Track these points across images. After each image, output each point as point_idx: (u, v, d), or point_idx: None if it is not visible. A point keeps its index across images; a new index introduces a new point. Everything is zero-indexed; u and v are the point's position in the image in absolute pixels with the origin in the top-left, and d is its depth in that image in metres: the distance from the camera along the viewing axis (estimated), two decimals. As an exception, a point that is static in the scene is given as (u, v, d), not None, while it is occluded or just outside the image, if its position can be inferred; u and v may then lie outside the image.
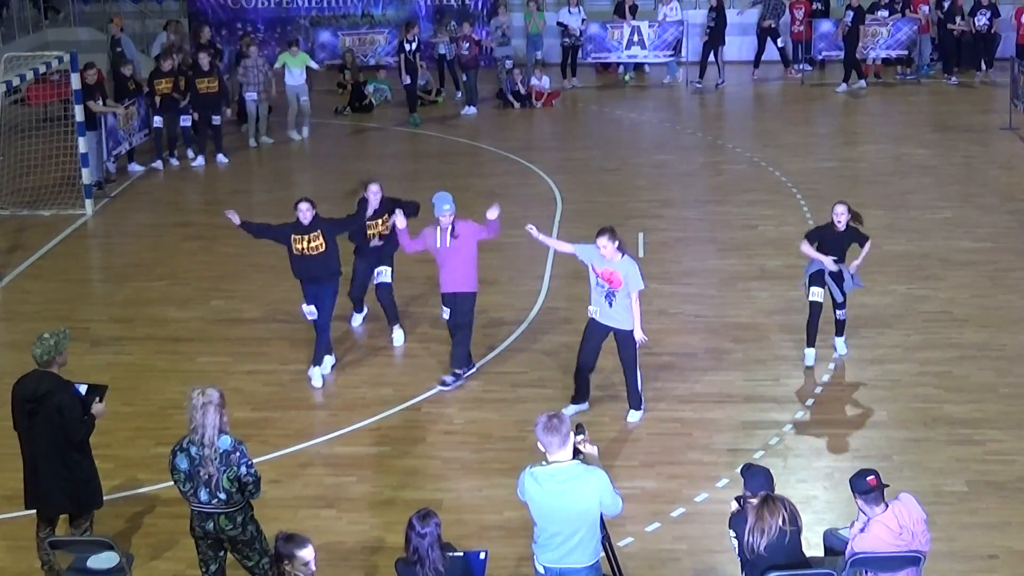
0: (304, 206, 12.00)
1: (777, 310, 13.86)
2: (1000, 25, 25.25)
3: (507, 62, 24.83)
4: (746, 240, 16.12)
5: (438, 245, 11.89)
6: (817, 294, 12.27)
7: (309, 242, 11.97)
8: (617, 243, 10.90)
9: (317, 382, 12.35)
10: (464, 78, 23.96)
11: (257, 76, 21.50)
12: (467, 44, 23.62)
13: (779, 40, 25.94)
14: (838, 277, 12.25)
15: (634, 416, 11.52)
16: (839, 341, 12.71)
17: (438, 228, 11.86)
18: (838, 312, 12.54)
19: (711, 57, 25.33)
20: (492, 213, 11.92)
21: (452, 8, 27.57)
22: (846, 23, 24.75)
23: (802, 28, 25.98)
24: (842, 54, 25.20)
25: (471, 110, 23.83)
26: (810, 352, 12.55)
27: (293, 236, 11.98)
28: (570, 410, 11.34)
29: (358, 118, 23.93)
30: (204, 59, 20.74)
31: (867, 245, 12.35)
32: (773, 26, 25.77)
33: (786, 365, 12.58)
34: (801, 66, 26.26)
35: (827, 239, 12.29)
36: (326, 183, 19.57)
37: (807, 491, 10.21)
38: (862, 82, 24.70)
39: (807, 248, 12.27)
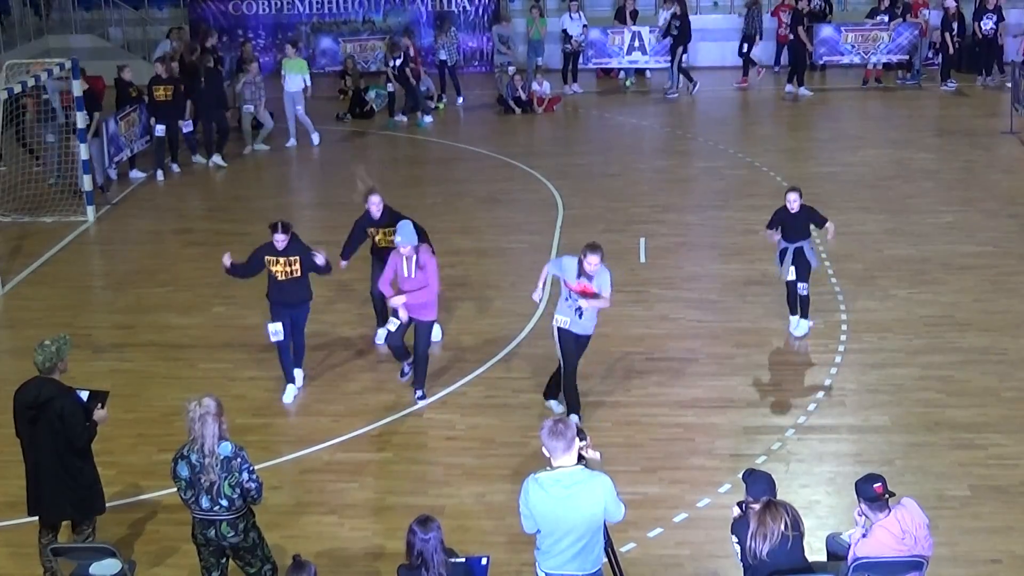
0: (279, 236, 11.77)
1: (779, 315, 13.83)
2: (1005, 30, 25.26)
3: (509, 68, 24.87)
4: (748, 245, 16.11)
5: (405, 274, 11.79)
6: (791, 272, 13.03)
7: (285, 265, 11.83)
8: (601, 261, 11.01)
9: (289, 398, 12.25)
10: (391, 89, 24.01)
11: (254, 92, 21.60)
12: (399, 58, 23.44)
13: (754, 47, 25.84)
14: (801, 252, 13.00)
15: (558, 406, 11.66)
16: (793, 320, 13.32)
17: (403, 257, 11.74)
18: (800, 286, 13.04)
19: (670, 63, 25.35)
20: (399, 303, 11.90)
21: (453, 14, 27.58)
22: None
23: (787, 32, 25.98)
24: (842, 59, 25.36)
25: (392, 120, 23.71)
26: (794, 319, 13.31)
27: (267, 258, 11.86)
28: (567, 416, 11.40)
29: (359, 124, 23.94)
30: (161, 68, 20.67)
31: (830, 226, 13.23)
32: (752, 33, 25.73)
33: (788, 370, 12.58)
34: (776, 68, 26.36)
35: (786, 221, 13.00)
36: (327, 189, 19.59)
37: (810, 496, 10.20)
38: (803, 89, 24.88)
39: (768, 233, 13.25)
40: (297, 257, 11.84)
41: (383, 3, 28.03)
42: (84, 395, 8.99)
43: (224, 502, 7.96)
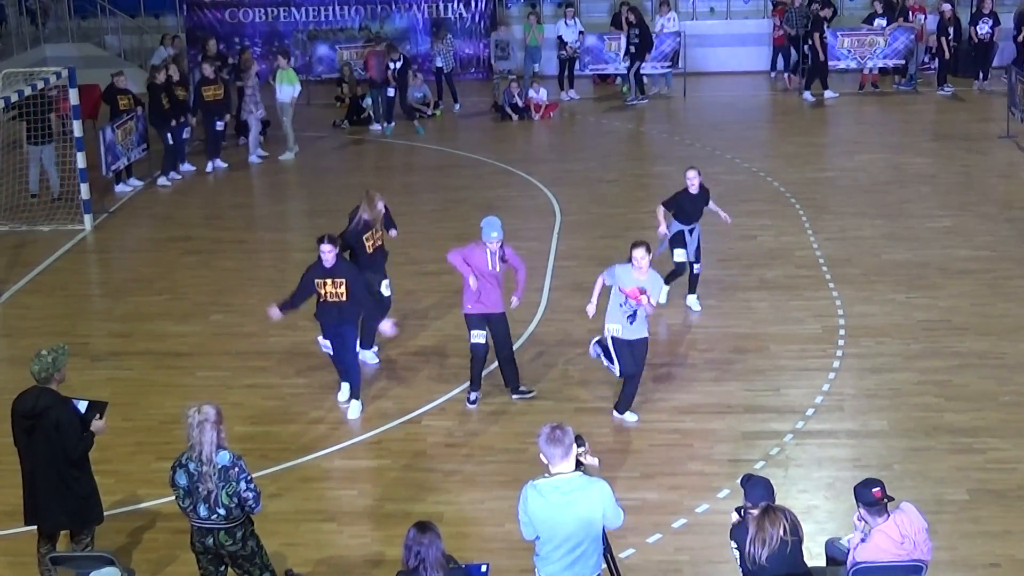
0: (326, 247, 11.51)
1: (776, 320, 13.86)
2: (999, 34, 25.34)
3: (510, 74, 24.93)
4: (745, 251, 16.13)
5: (489, 268, 11.79)
6: (681, 255, 13.82)
7: (333, 287, 11.57)
8: (650, 258, 11.21)
9: (354, 414, 11.99)
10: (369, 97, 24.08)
11: (255, 95, 21.65)
12: (398, 60, 23.43)
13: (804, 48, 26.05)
14: (693, 233, 13.85)
15: (631, 417, 11.70)
16: (692, 299, 14.21)
17: (487, 251, 11.77)
18: (695, 267, 14.06)
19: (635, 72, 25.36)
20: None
21: (449, 21, 27.62)
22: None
23: (781, 33, 26.17)
24: (839, 64, 25.49)
25: (387, 126, 23.65)
26: (692, 297, 14.21)
27: (316, 281, 11.61)
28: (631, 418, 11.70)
29: (356, 131, 23.96)
30: (207, 68, 21.10)
31: (712, 204, 14.14)
32: (793, 34, 25.85)
33: (786, 375, 12.57)
34: (787, 74, 26.51)
35: (686, 201, 13.81)
36: (325, 196, 19.58)
37: (808, 501, 10.20)
38: (807, 94, 24.93)
39: (660, 214, 13.93)
40: (343, 280, 11.57)
41: (379, 10, 28.09)
42: (83, 405, 8.97)
43: (222, 511, 7.96)
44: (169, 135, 20.41)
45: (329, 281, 11.57)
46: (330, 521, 10.23)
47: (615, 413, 11.72)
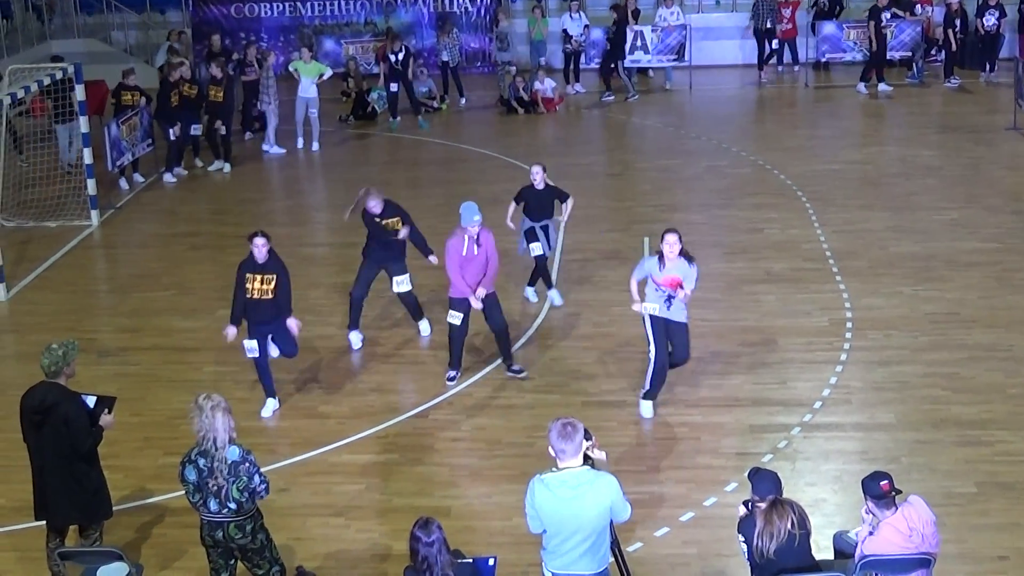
0: (260, 241, 11.39)
1: (783, 313, 13.85)
2: (1006, 26, 25.33)
3: (511, 68, 24.90)
4: (752, 243, 16.11)
5: (464, 253, 11.94)
6: (537, 248, 13.91)
7: (261, 283, 11.46)
8: (680, 245, 11.18)
9: (268, 412, 11.98)
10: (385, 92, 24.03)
11: (271, 87, 21.67)
12: (400, 51, 23.48)
13: (774, 41, 26.10)
14: (546, 230, 13.91)
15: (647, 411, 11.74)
16: (554, 293, 14.38)
17: (465, 237, 11.90)
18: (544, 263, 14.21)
19: (618, 69, 25.29)
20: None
21: (454, 15, 27.62)
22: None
23: (789, 26, 26.17)
24: (845, 56, 25.48)
25: (394, 121, 23.64)
26: (552, 292, 14.34)
27: (247, 275, 11.49)
28: (647, 409, 11.65)
29: (362, 126, 23.97)
30: (214, 68, 20.97)
31: (569, 202, 14.07)
32: (768, 27, 25.90)
33: (793, 368, 12.57)
34: (780, 68, 26.53)
35: (531, 197, 13.86)
36: (331, 191, 19.61)
37: (816, 494, 10.19)
38: (861, 86, 24.82)
39: (510, 208, 14.19)
40: (274, 276, 11.47)
41: (385, 4, 28.09)
42: (91, 400, 8.99)
43: (232, 505, 7.97)
44: (172, 131, 20.37)
45: (259, 276, 11.46)
46: (338, 516, 10.24)
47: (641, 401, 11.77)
